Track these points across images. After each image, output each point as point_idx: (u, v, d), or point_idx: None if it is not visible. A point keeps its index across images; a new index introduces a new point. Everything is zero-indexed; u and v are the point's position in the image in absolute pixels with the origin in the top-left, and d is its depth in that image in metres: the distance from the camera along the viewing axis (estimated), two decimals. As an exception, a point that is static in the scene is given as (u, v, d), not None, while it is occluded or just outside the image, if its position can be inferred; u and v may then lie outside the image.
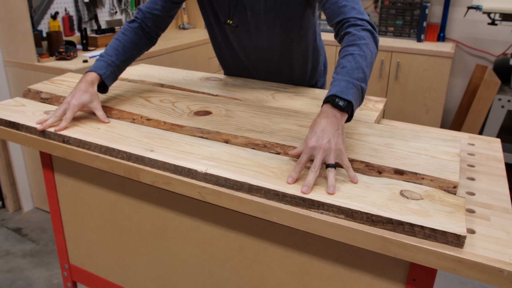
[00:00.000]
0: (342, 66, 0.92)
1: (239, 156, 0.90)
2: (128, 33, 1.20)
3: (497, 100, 2.61)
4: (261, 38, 1.27)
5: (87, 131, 1.03)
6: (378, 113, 1.13)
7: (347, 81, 0.88)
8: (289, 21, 1.22)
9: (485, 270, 0.64)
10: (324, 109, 0.87)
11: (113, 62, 1.15)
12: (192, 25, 3.59)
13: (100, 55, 1.16)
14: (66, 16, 2.55)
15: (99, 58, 1.15)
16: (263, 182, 0.80)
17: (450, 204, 0.74)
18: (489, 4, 2.59)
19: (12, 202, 2.50)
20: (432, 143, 0.95)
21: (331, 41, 3.04)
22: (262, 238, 0.93)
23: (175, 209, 1.04)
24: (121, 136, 1.00)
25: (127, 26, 1.21)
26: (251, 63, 1.38)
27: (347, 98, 0.86)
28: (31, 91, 1.27)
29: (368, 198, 0.76)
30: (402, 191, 0.78)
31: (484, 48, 3.17)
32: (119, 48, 1.17)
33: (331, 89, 0.89)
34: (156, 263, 1.15)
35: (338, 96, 0.86)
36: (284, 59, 1.33)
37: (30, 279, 1.96)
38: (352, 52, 0.93)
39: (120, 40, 1.18)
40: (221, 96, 1.25)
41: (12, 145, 2.38)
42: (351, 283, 0.86)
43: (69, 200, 1.26)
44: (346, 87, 0.87)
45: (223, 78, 1.44)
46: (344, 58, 0.94)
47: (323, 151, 0.81)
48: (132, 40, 1.19)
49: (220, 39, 1.35)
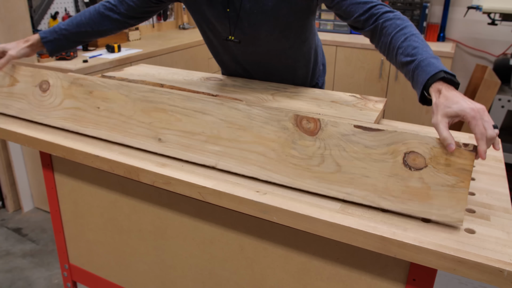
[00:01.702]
0: (414, 47, 0.87)
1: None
2: (92, 10, 1.26)
3: (497, 100, 2.61)
4: (260, 47, 1.25)
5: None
6: (378, 113, 1.13)
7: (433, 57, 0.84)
8: (289, 29, 1.20)
9: (485, 270, 0.64)
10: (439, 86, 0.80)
11: (61, 30, 1.23)
12: (192, 25, 3.59)
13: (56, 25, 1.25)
14: (66, 16, 2.55)
15: (55, 25, 1.25)
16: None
17: (455, 170, 0.72)
18: (489, 4, 2.58)
19: (12, 202, 2.50)
20: None
21: (331, 41, 3.04)
22: (262, 238, 0.93)
23: (175, 209, 1.04)
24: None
25: (98, 5, 1.27)
26: (251, 66, 1.37)
27: (449, 72, 0.81)
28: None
29: (370, 178, 0.76)
30: (406, 158, 0.76)
31: (484, 48, 3.17)
32: (74, 20, 1.25)
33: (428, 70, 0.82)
34: (156, 263, 1.15)
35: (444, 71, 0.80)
36: (286, 63, 1.32)
37: (30, 279, 1.96)
38: (413, 32, 0.90)
39: (80, 14, 1.26)
40: (221, 96, 1.25)
41: (12, 145, 2.38)
42: (351, 283, 0.86)
43: (69, 200, 1.26)
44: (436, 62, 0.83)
45: (223, 78, 1.44)
46: (406, 40, 0.89)
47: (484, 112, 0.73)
48: (90, 18, 1.25)
49: (219, 49, 1.34)
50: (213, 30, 1.27)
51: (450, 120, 0.75)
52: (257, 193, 0.82)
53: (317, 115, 0.87)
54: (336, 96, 1.26)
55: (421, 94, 0.84)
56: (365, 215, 0.75)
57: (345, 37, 3.25)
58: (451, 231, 0.71)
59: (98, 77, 1.13)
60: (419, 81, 0.83)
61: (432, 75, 0.80)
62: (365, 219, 0.74)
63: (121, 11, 1.25)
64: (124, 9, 1.25)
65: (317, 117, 0.83)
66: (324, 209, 0.77)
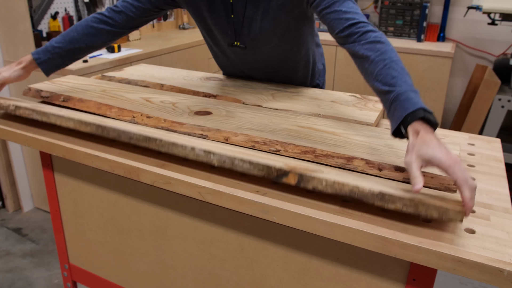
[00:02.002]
0: (393, 76, 0.84)
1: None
2: (84, 24, 1.21)
3: (497, 100, 2.61)
4: (261, 52, 1.26)
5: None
6: (378, 113, 1.13)
7: (412, 90, 0.81)
8: (288, 33, 1.20)
9: (485, 270, 0.64)
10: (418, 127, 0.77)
11: (54, 48, 1.18)
12: (192, 25, 3.59)
13: (52, 40, 1.20)
14: (66, 16, 2.55)
15: (47, 42, 1.20)
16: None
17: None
18: (489, 4, 2.58)
19: (12, 202, 2.50)
20: None
21: (331, 41, 3.03)
22: (262, 238, 0.93)
23: (175, 209, 1.04)
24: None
25: (90, 18, 1.22)
26: (251, 71, 1.38)
27: (428, 110, 0.78)
28: (31, 89, 1.27)
29: None
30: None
31: (484, 48, 3.17)
32: (66, 37, 1.19)
33: (406, 106, 0.79)
34: (156, 263, 1.15)
35: (423, 109, 0.77)
36: (285, 65, 1.33)
37: (30, 279, 1.96)
38: (393, 58, 0.86)
39: (72, 30, 1.21)
40: (221, 97, 1.25)
41: (12, 145, 2.38)
42: (351, 283, 0.86)
43: (69, 200, 1.26)
44: (415, 97, 0.80)
45: (223, 78, 1.44)
46: (385, 67, 0.86)
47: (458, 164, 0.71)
48: (83, 33, 1.20)
49: (218, 54, 1.35)
50: (213, 38, 1.27)
51: (424, 164, 0.73)
52: (257, 193, 0.82)
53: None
54: (336, 96, 1.26)
55: (396, 129, 0.81)
56: (365, 215, 0.75)
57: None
58: (451, 231, 0.71)
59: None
60: (395, 115, 0.80)
61: (410, 112, 0.77)
62: (365, 219, 0.74)
63: (118, 22, 1.21)
64: (121, 20, 1.21)
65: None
66: (324, 209, 0.77)
